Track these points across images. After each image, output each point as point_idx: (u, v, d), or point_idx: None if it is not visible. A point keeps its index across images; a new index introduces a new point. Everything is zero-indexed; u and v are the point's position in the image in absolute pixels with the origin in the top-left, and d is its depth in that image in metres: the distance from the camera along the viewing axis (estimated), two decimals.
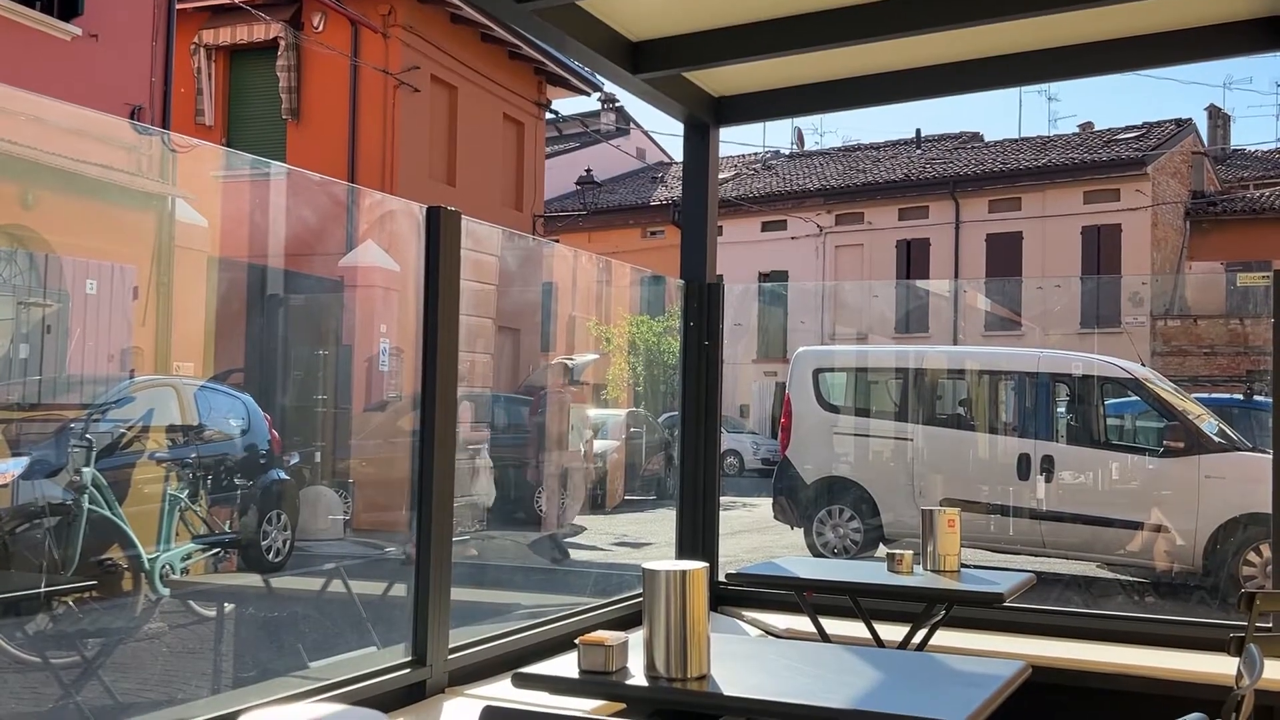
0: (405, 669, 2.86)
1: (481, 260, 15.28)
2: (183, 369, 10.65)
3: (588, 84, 21.41)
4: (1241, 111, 35.28)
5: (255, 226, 12.58)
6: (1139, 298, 23.78)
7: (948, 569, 3.63)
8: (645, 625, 2.30)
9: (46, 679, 5.91)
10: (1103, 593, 10.34)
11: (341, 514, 11.21)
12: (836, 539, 11.63)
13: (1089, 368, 11.66)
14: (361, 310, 14.14)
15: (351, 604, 7.01)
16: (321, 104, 16.99)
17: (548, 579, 11.49)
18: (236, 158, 15.35)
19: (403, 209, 15.05)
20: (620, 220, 29.94)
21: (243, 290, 12.65)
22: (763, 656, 2.67)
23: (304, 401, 12.40)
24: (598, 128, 32.39)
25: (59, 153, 9.37)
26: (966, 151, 29.42)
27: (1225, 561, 9.80)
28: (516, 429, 14.59)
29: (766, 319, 26.79)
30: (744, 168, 32.48)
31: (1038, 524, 10.76)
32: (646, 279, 24.03)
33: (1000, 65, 3.84)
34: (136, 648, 6.82)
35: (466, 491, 11.33)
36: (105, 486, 7.41)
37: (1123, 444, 11.49)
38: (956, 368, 13.24)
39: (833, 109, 4.56)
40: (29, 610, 6.37)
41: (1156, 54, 3.72)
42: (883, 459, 12.13)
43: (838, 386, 12.76)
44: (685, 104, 4.10)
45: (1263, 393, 13.52)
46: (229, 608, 7.95)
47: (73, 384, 9.69)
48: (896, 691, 2.35)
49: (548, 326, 19.79)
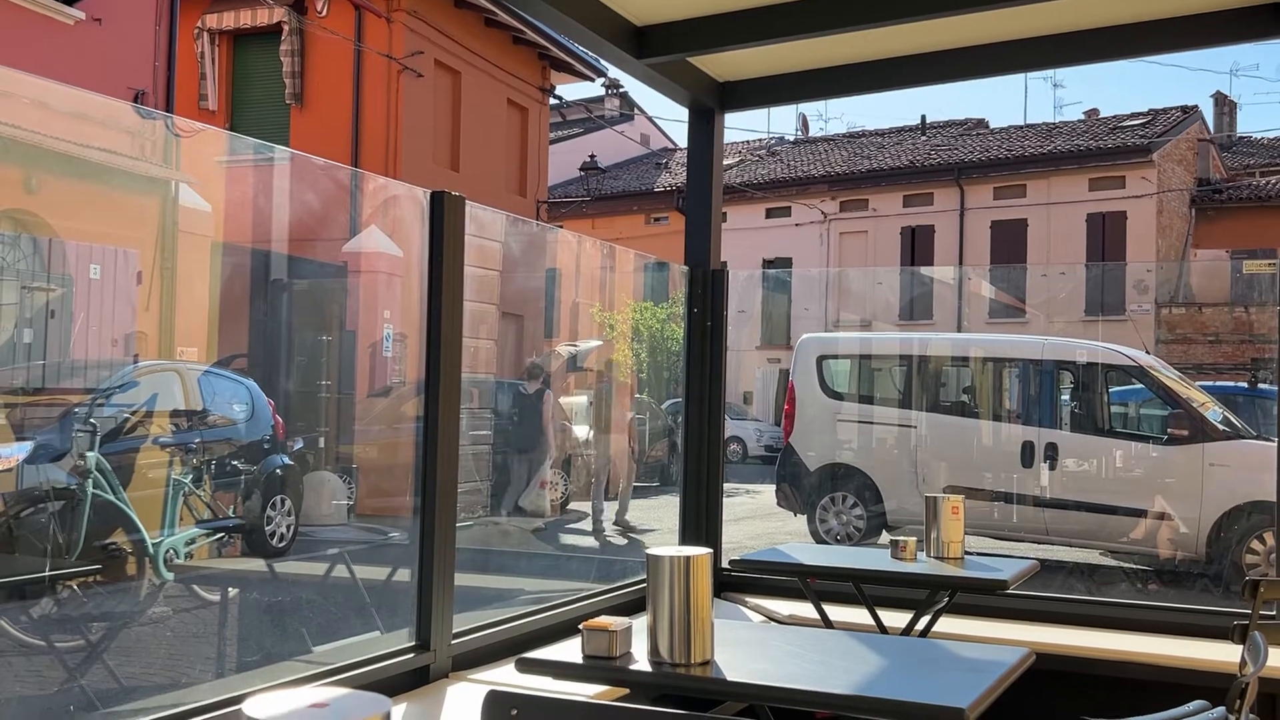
0: (409, 654, 2.86)
1: (485, 246, 15.26)
2: (186, 354, 10.66)
3: (592, 70, 21.35)
4: (1248, 98, 35.20)
5: (259, 211, 12.57)
6: (1144, 285, 23.74)
7: (951, 556, 3.63)
8: (649, 610, 2.30)
9: (51, 663, 5.93)
10: (1106, 580, 10.34)
11: (345, 499, 11.23)
12: (839, 526, 11.64)
13: (1093, 355, 11.64)
14: (365, 296, 14.13)
15: (355, 589, 7.03)
16: (325, 89, 16.96)
17: (553, 565, 11.50)
18: (240, 141, 15.33)
19: (406, 194, 15.03)
20: (624, 207, 29.89)
21: (246, 275, 12.65)
22: (766, 642, 2.67)
23: (307, 387, 12.41)
24: (601, 114, 32.32)
25: (62, 137, 9.35)
26: (971, 138, 29.34)
27: (1229, 549, 9.80)
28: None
29: (770, 306, 26.77)
30: (748, 154, 32.42)
31: (1041, 511, 10.75)
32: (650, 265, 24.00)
33: (1006, 51, 3.82)
34: (140, 632, 6.84)
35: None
36: (109, 471, 7.43)
37: (1127, 432, 11.48)
38: (960, 355, 13.22)
39: (838, 94, 4.54)
40: (34, 594, 6.38)
41: (1162, 40, 3.70)
42: (886, 446, 12.13)
43: (841, 373, 12.75)
44: (690, 89, 4.09)
45: (1267, 381, 13.51)
46: (233, 592, 7.97)
47: (76, 369, 9.70)
48: (901, 677, 2.35)
49: (551, 313, 19.78)
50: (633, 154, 33.23)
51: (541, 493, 12.33)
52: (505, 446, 12.64)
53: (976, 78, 4.03)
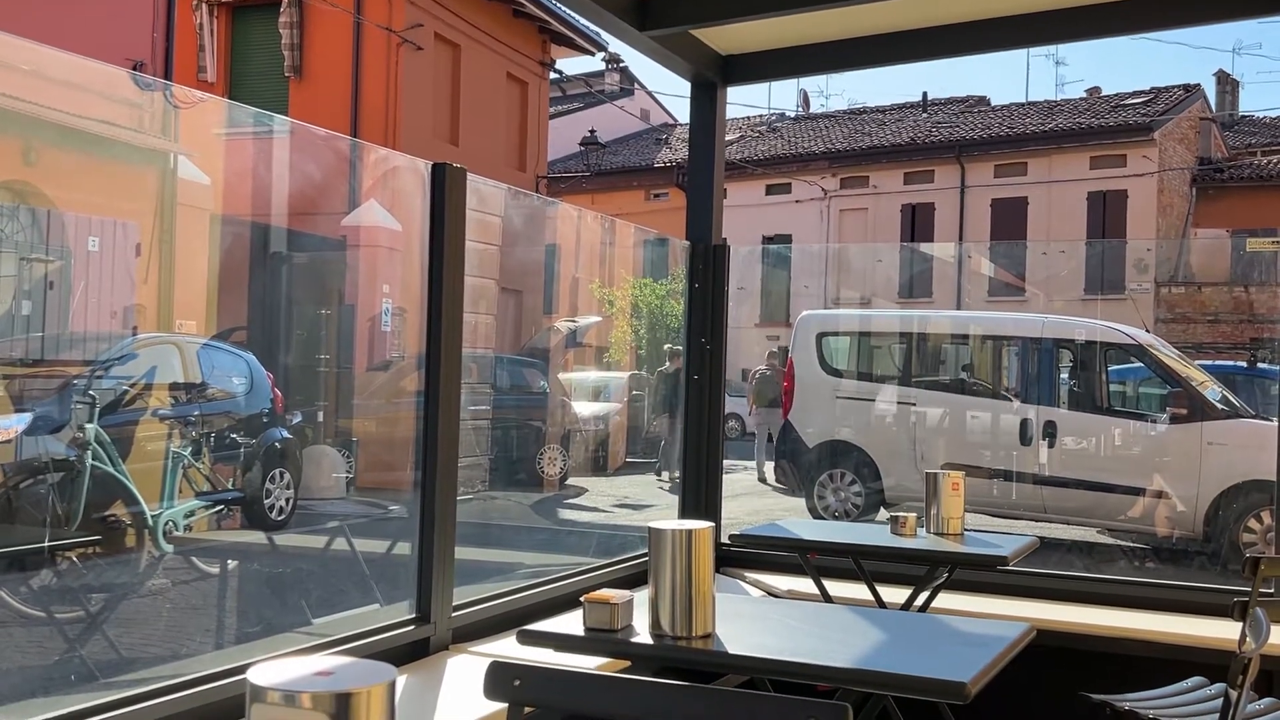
0: (409, 625, 2.86)
1: (485, 220, 15.22)
2: (185, 327, 10.64)
3: (592, 43, 21.24)
4: (1251, 77, 34.96)
5: (258, 184, 12.52)
6: (1144, 264, 23.71)
7: (951, 532, 3.63)
8: (650, 584, 2.30)
9: (51, 633, 5.94)
10: (1104, 558, 10.37)
11: (344, 473, 11.24)
12: (838, 503, 11.66)
13: (1093, 334, 11.64)
14: (364, 269, 14.11)
15: (355, 562, 7.04)
16: (324, 62, 16.87)
17: (552, 539, 11.53)
18: (239, 111, 15.25)
19: (407, 165, 14.98)
20: (624, 183, 29.78)
21: (245, 248, 12.61)
22: (767, 616, 2.67)
23: (307, 361, 12.41)
24: (602, 88, 32.17)
25: (61, 108, 9.31)
26: (973, 115, 29.24)
27: (1226, 528, 9.82)
28: (520, 390, 14.64)
29: (770, 283, 26.73)
30: (749, 130, 32.30)
31: (1039, 489, 10.77)
32: (651, 240, 23.94)
33: (1009, 25, 3.79)
34: (140, 603, 6.85)
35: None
36: (108, 443, 7.43)
37: (1125, 410, 11.50)
38: (960, 333, 13.22)
39: (842, 68, 4.51)
40: (33, 565, 6.39)
41: (1164, 15, 3.68)
42: (885, 423, 12.14)
43: (841, 351, 12.75)
44: (692, 62, 4.06)
45: (1267, 360, 13.51)
46: (232, 564, 7.98)
47: (75, 341, 9.69)
48: (902, 652, 2.35)
49: (551, 288, 19.75)
50: (633, 129, 33.10)
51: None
52: (661, 410, 15.62)
53: (980, 53, 4.00)
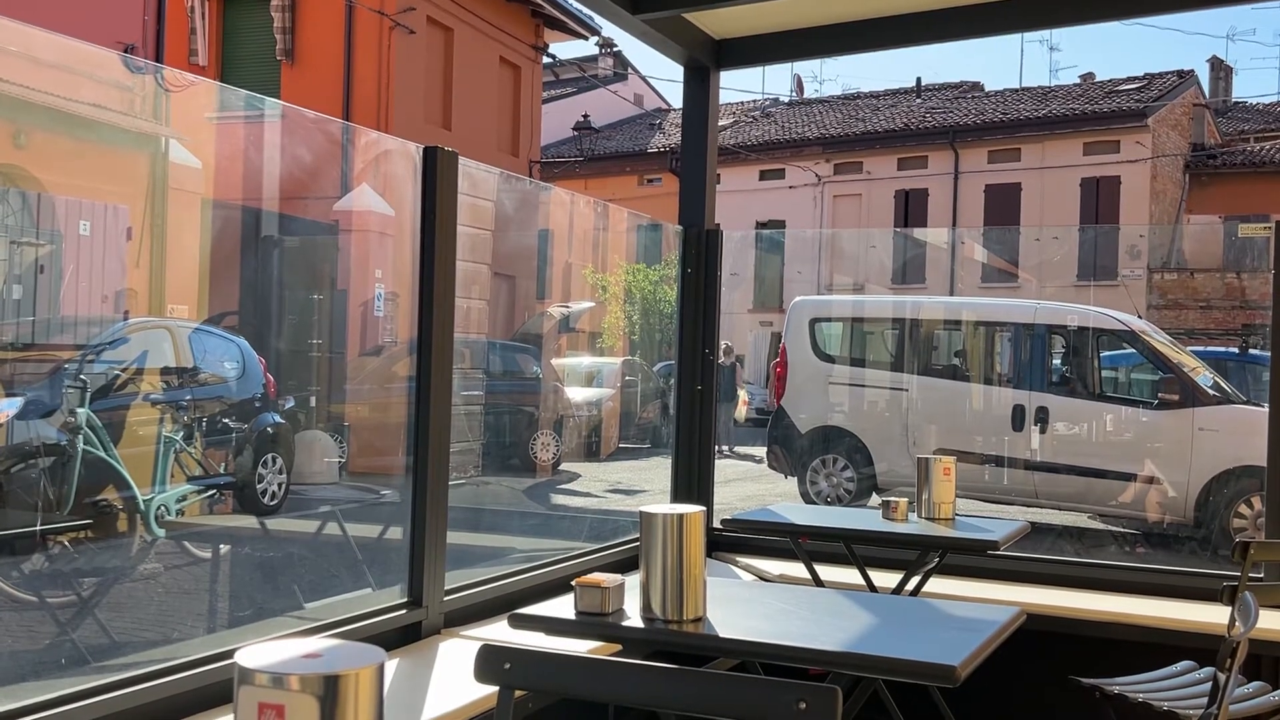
0: (401, 610, 2.87)
1: (478, 205, 15.19)
2: (177, 311, 10.60)
3: (585, 28, 21.17)
4: (1244, 64, 34.95)
5: (250, 167, 12.47)
6: (1136, 250, 23.72)
7: (942, 517, 3.64)
8: (642, 568, 2.31)
9: (42, 618, 5.94)
10: (1095, 543, 10.40)
11: (337, 458, 11.23)
12: (830, 488, 11.68)
13: (1085, 320, 11.65)
14: (356, 254, 14.07)
15: (347, 546, 7.03)
16: (316, 45, 16.79)
17: (544, 524, 11.54)
18: (231, 95, 15.18)
19: (399, 149, 14.94)
20: (617, 168, 29.72)
21: (237, 232, 12.57)
22: (758, 600, 2.68)
23: (299, 345, 12.38)
24: (595, 73, 32.08)
25: (51, 91, 9.26)
26: (966, 101, 29.21)
27: (1217, 513, 9.86)
28: (512, 376, 14.63)
29: (763, 268, 26.71)
30: (742, 115, 32.23)
31: (1031, 475, 10.80)
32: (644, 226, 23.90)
33: (1003, 10, 3.79)
34: (132, 588, 6.85)
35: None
36: (100, 428, 7.41)
37: (1117, 396, 11.52)
38: (953, 318, 13.22)
39: (835, 53, 4.50)
40: (24, 549, 6.38)
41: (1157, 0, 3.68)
42: (878, 409, 12.15)
43: (834, 336, 12.76)
44: (685, 46, 4.05)
45: (1259, 346, 13.54)
46: (224, 549, 7.98)
47: (66, 325, 9.65)
48: (893, 635, 2.36)
49: (544, 273, 19.72)
50: (626, 114, 33.02)
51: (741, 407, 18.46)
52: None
53: (974, 37, 4.00)
